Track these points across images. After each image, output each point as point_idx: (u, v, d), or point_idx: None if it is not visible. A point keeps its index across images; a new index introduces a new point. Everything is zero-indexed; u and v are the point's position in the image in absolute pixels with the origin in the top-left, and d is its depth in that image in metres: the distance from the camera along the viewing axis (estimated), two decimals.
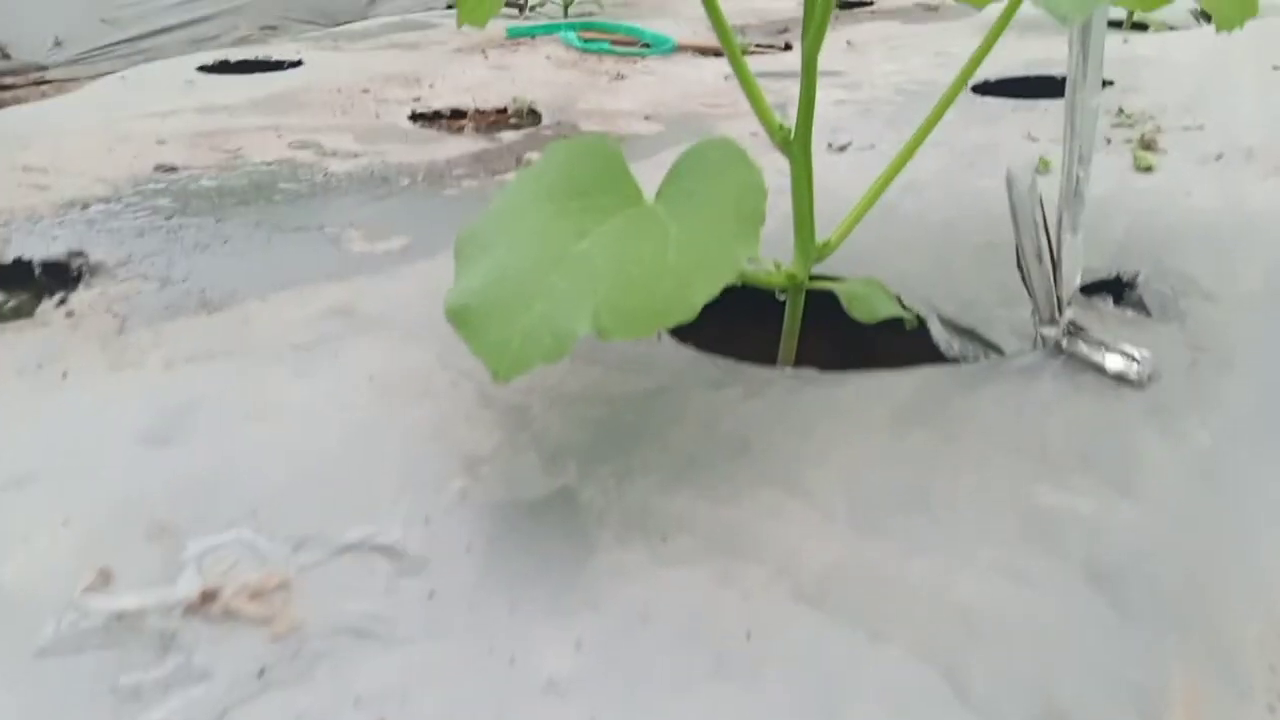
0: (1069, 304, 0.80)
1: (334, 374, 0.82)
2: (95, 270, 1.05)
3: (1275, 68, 1.65)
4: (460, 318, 0.63)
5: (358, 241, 1.12)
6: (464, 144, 1.53)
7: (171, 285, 1.01)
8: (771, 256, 0.84)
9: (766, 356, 0.93)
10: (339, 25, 4.81)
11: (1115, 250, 1.01)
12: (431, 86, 1.92)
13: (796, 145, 0.88)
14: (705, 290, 0.61)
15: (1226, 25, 0.92)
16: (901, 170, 0.89)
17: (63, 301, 0.98)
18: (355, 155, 1.47)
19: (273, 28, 4.53)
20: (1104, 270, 0.97)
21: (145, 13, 4.12)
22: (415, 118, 1.71)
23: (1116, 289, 0.95)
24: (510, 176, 1.37)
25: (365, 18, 4.90)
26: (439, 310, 0.68)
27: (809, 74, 0.83)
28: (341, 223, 1.18)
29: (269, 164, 1.43)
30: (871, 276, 0.96)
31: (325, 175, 1.38)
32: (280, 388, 0.80)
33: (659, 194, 0.72)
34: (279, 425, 0.74)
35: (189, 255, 1.09)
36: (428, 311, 0.91)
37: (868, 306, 0.86)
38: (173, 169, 1.40)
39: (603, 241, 0.66)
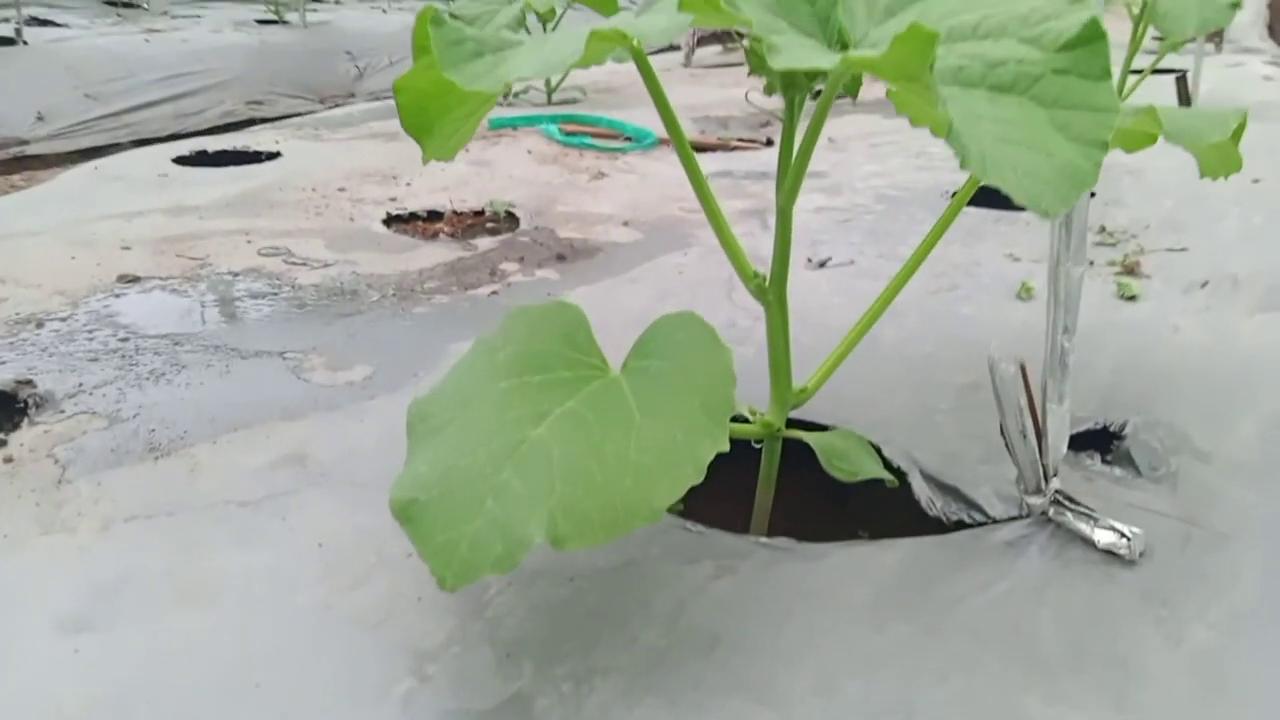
0: (1055, 473, 0.77)
1: (280, 541, 0.77)
2: (43, 403, 1.01)
3: (1255, 180, 1.65)
4: (406, 514, 0.59)
5: (319, 370, 1.08)
6: (438, 252, 1.50)
7: (120, 423, 0.96)
8: (751, 387, 0.81)
9: (742, 506, 0.88)
10: (324, 100, 4.85)
11: (1103, 394, 0.98)
12: (409, 184, 1.90)
13: (772, 293, 0.85)
14: (669, 493, 0.57)
15: (1210, 174, 0.91)
16: (880, 315, 0.86)
17: (2, 444, 0.92)
18: (325, 265, 1.44)
19: (259, 103, 4.54)
20: (1092, 419, 0.93)
21: (129, 88, 4.13)
22: (390, 221, 1.68)
23: (1105, 440, 0.92)
24: (483, 291, 1.34)
25: (352, 94, 4.95)
26: (396, 458, 0.64)
27: (784, 225, 0.80)
28: (304, 346, 1.14)
29: (235, 274, 1.39)
30: (849, 428, 0.92)
31: (293, 287, 1.34)
32: (220, 559, 0.74)
33: (625, 366, 0.68)
34: (212, 612, 0.68)
35: (143, 386, 1.04)
36: (384, 461, 0.86)
37: (847, 465, 0.82)
38: (136, 279, 1.36)
39: (562, 427, 0.62)
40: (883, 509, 0.90)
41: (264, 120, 4.37)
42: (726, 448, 0.60)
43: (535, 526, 0.55)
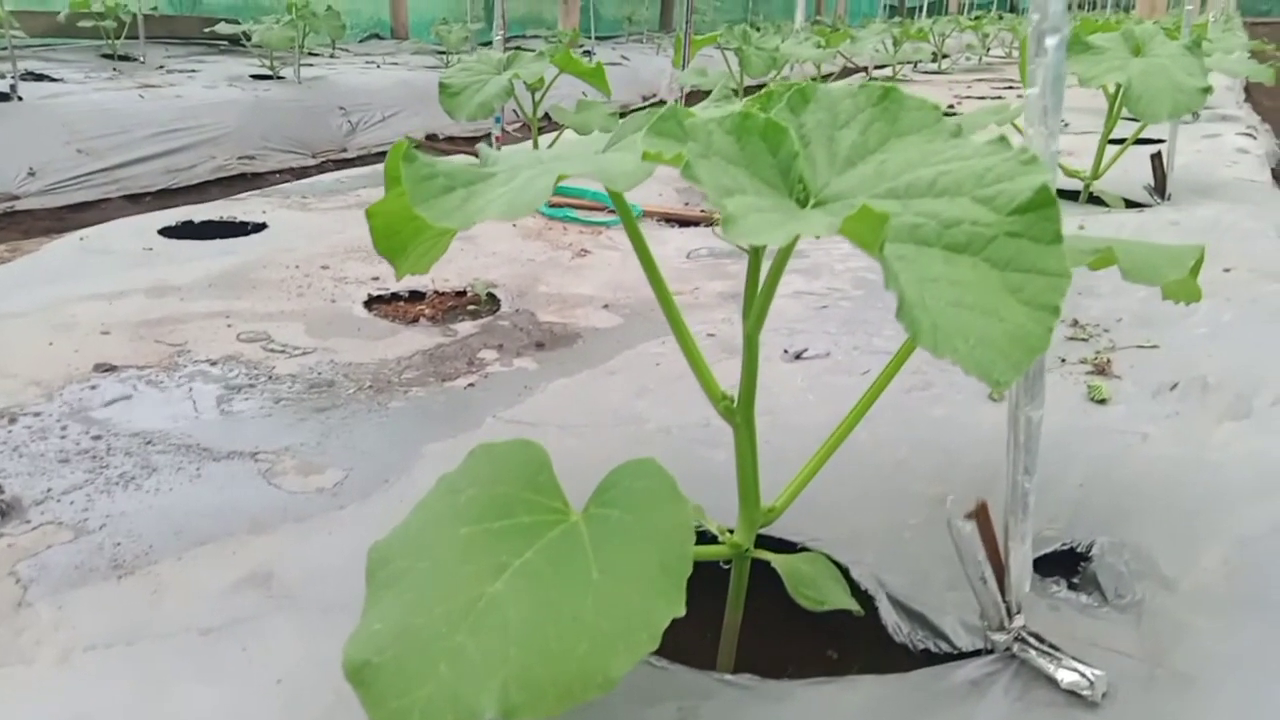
0: (1018, 610, 0.77)
1: (239, 675, 0.76)
2: (9, 510, 1.00)
3: (1226, 270, 1.67)
4: (359, 678, 0.58)
5: (290, 474, 1.08)
6: (417, 338, 1.51)
7: (86, 535, 0.95)
8: (727, 494, 0.81)
9: (712, 622, 0.89)
10: (316, 155, 4.89)
11: (1071, 509, 0.98)
12: None
13: (739, 416, 0.85)
14: (624, 663, 0.57)
15: (1172, 299, 0.92)
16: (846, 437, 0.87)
17: None
18: (304, 352, 1.44)
19: (250, 158, 4.58)
20: (1059, 538, 0.94)
21: (122, 143, 4.15)
22: (372, 302, 1.69)
23: (1072, 562, 0.92)
24: (460, 383, 1.34)
25: (344, 149, 4.99)
26: (362, 579, 0.64)
27: (750, 352, 0.81)
28: (277, 446, 1.14)
29: (214, 362, 1.40)
30: (818, 548, 0.92)
31: (270, 378, 1.34)
32: (179, 697, 0.74)
33: (586, 511, 0.68)
34: None
35: (111, 492, 1.03)
36: (350, 581, 0.85)
37: (814, 592, 0.82)
38: (113, 368, 1.36)
39: (519, 583, 0.62)
40: (853, 628, 0.90)
41: (255, 175, 4.41)
42: (682, 612, 0.60)
43: (487, 697, 0.55)
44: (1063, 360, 1.34)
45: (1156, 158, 2.42)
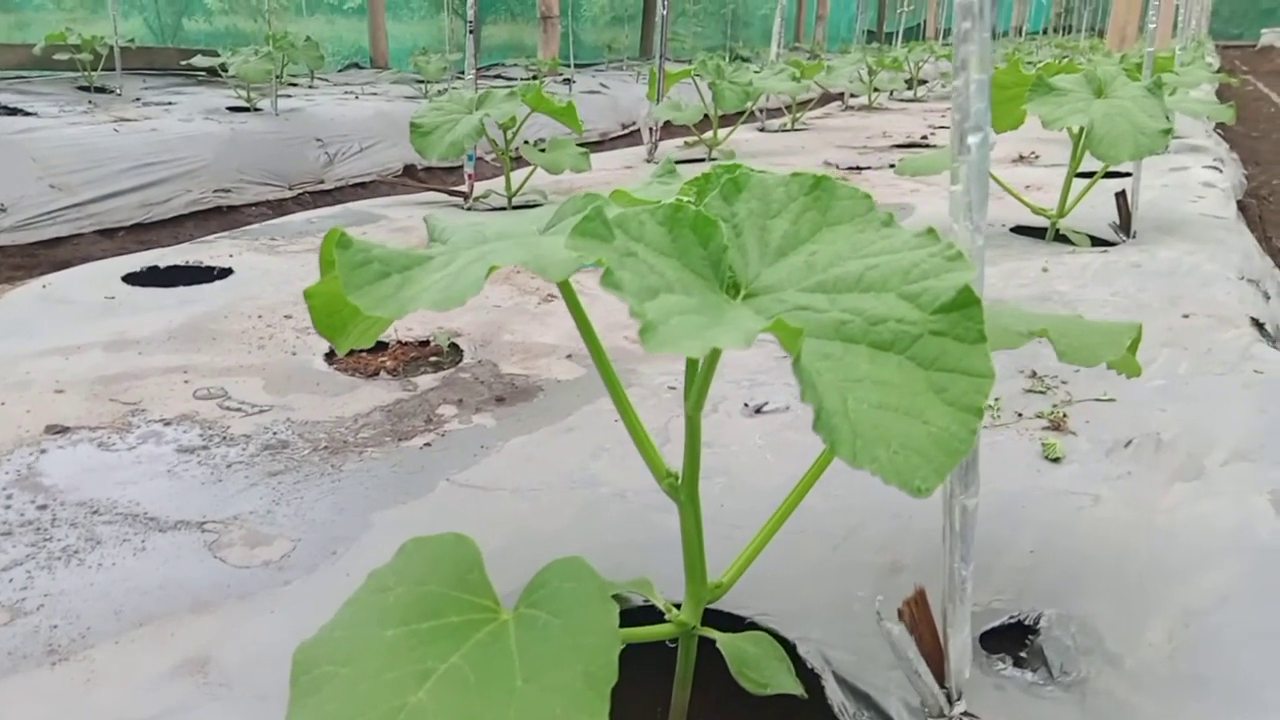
0: (959, 696, 0.76)
1: None
2: None
3: (1185, 316, 1.69)
4: None
5: (237, 546, 1.06)
6: (377, 393, 1.50)
7: (23, 617, 0.94)
8: (677, 561, 0.80)
9: (661, 698, 0.88)
10: (293, 187, 4.89)
11: (1021, 578, 0.98)
12: None
13: (684, 494, 0.85)
14: None
15: (1114, 369, 0.92)
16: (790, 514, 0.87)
17: None
18: (260, 410, 1.43)
19: (226, 190, 4.56)
20: (1007, 610, 0.93)
21: (96, 178, 4.13)
22: (334, 354, 1.68)
23: (1019, 635, 0.91)
24: (417, 443, 1.33)
25: (322, 180, 4.99)
26: None
27: (693, 433, 0.81)
28: (226, 515, 1.13)
29: (167, 422, 1.38)
30: (765, 625, 0.92)
31: (224, 439, 1.33)
32: None
33: (516, 611, 0.67)
34: None
35: (53, 568, 1.02)
36: (287, 666, 0.85)
37: (758, 675, 0.82)
38: (64, 430, 1.35)
39: (443, 690, 0.61)
40: (801, 707, 0.89)
41: (231, 208, 4.40)
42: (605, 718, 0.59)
43: None
44: (1019, 415, 1.34)
45: (1121, 196, 2.44)
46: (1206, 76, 4.18)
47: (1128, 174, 2.55)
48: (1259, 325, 1.72)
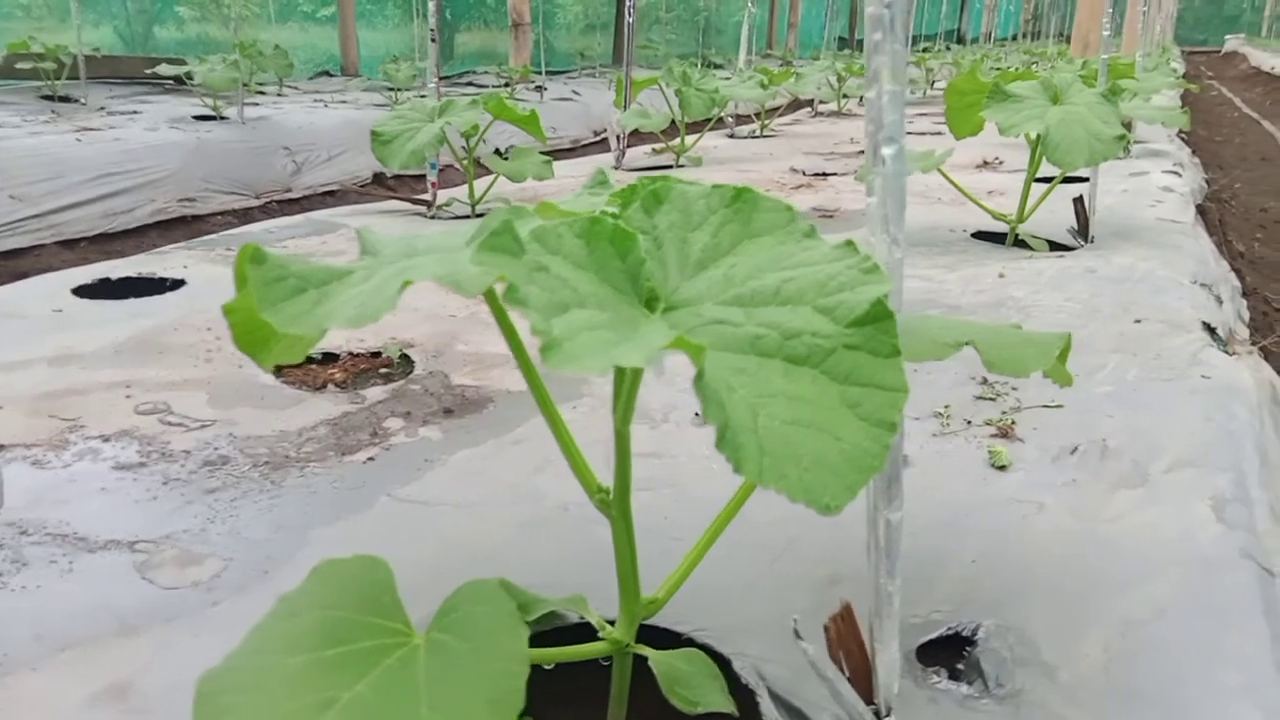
0: (888, 712, 0.75)
1: None
2: None
3: (1137, 321, 1.69)
4: None
5: (167, 567, 1.04)
6: (323, 406, 1.48)
7: None
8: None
9: (599, 714, 0.86)
10: (260, 196, 4.84)
11: (962, 590, 0.97)
12: None
13: (615, 509, 0.84)
14: None
15: (1049, 377, 0.92)
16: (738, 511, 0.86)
17: None
18: (202, 425, 1.40)
19: (191, 200, 4.51)
20: (945, 623, 0.92)
21: (58, 188, 4.08)
22: (283, 366, 1.65)
23: (957, 647, 0.91)
24: (360, 457, 1.31)
25: (289, 189, 4.95)
26: None
27: (622, 447, 0.80)
28: (158, 534, 1.10)
29: (106, 438, 1.35)
30: (702, 640, 0.91)
31: (163, 455, 1.30)
32: None
33: (428, 635, 0.66)
34: None
35: None
36: None
37: (689, 693, 0.80)
38: (0, 448, 1.32)
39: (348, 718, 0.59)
40: None
41: (196, 218, 4.35)
42: None
43: None
44: (969, 422, 1.34)
45: (1079, 201, 2.45)
46: (1167, 83, 4.22)
47: (1086, 179, 2.56)
48: (1210, 330, 1.73)
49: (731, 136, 5.03)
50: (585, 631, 0.91)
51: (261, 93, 6.28)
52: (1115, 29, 5.47)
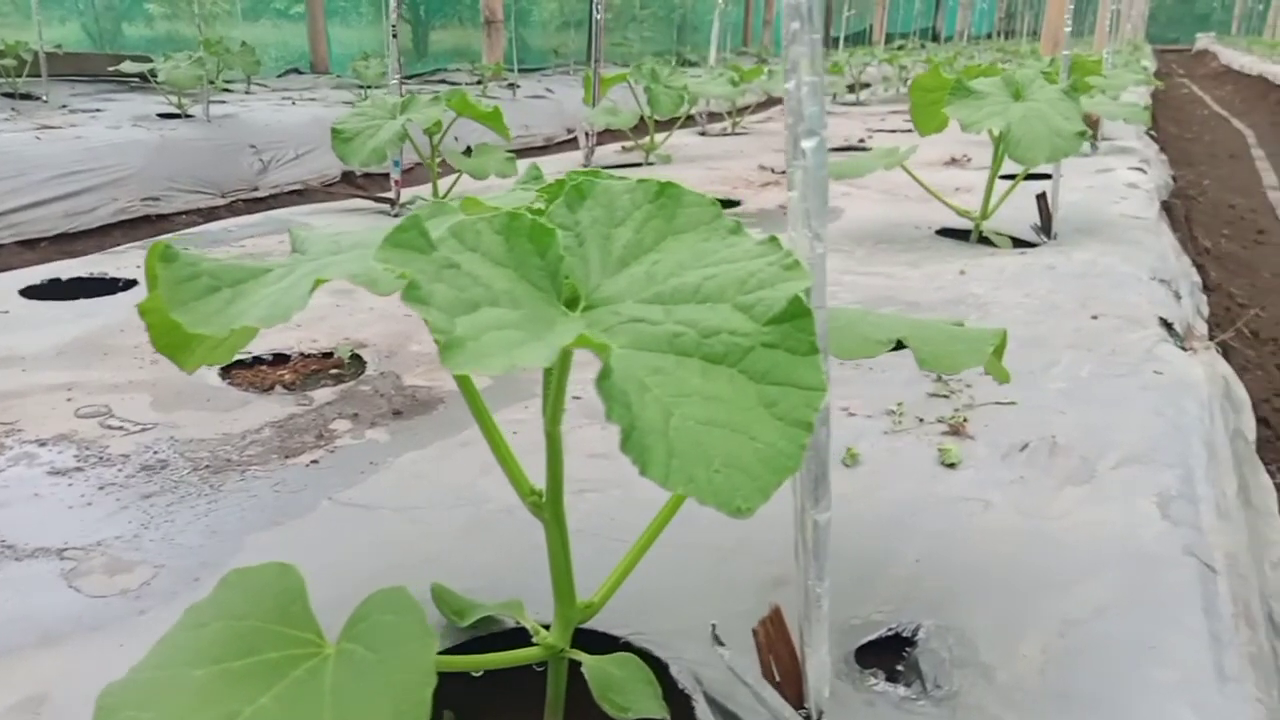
0: (819, 715, 0.74)
1: None
2: None
3: (1094, 317, 1.69)
4: None
5: (96, 574, 1.01)
6: (270, 408, 1.45)
7: None
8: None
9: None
10: (226, 195, 4.78)
11: (904, 590, 0.96)
12: None
13: (548, 512, 0.82)
14: None
15: (989, 373, 0.91)
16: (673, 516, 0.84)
17: None
18: (144, 428, 1.37)
19: (155, 199, 4.45)
20: (886, 622, 0.91)
21: (17, 187, 4.00)
22: (231, 368, 1.62)
23: (897, 648, 0.89)
24: (304, 460, 1.28)
25: (256, 187, 4.89)
26: None
27: (553, 449, 0.78)
28: (89, 541, 1.07)
29: (43, 442, 1.32)
30: (629, 653, 0.89)
31: (101, 459, 1.27)
32: None
33: (338, 645, 0.64)
34: None
35: None
36: None
37: (621, 699, 0.79)
38: None
39: None
40: None
41: (161, 217, 4.29)
42: None
43: None
44: (920, 420, 1.33)
45: (1041, 198, 2.46)
46: (1133, 80, 4.25)
47: (1050, 175, 2.57)
48: (1167, 325, 1.73)
49: (703, 134, 5.02)
50: (522, 636, 0.89)
51: (228, 90, 6.20)
52: (1088, 27, 5.49)
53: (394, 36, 2.82)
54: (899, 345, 0.86)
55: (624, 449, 0.54)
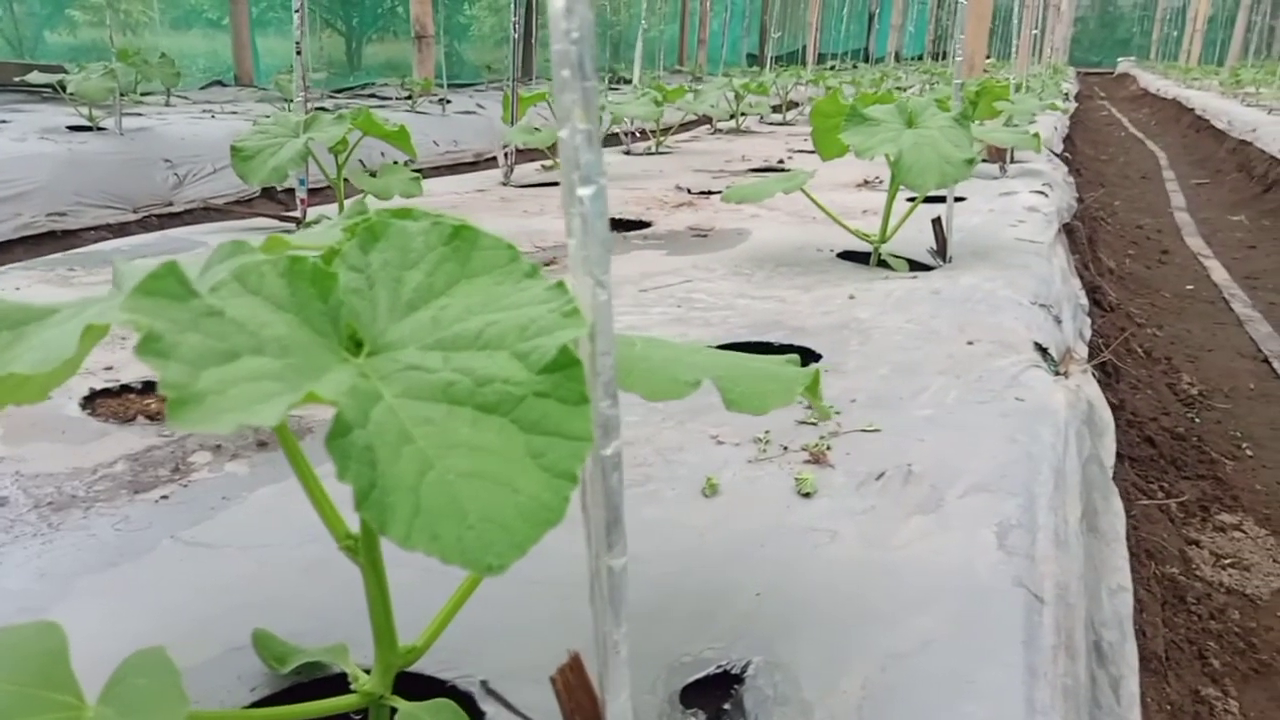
0: None
1: None
2: None
3: (970, 343, 1.73)
4: None
5: None
6: (128, 440, 1.41)
7: None
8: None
9: None
10: (138, 210, 4.66)
11: (739, 625, 0.96)
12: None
13: (363, 555, 0.80)
14: None
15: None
16: None
17: None
18: None
19: (62, 214, 4.32)
20: (716, 659, 0.91)
21: None
22: (96, 397, 1.57)
23: (726, 686, 0.89)
24: (153, 495, 1.24)
25: (170, 203, 4.78)
26: None
27: None
28: None
29: None
30: (446, 699, 0.87)
31: None
32: None
33: (95, 710, 0.61)
34: None
35: None
36: None
37: None
38: None
39: None
40: None
41: (67, 233, 4.17)
42: None
43: None
44: (785, 448, 1.34)
45: (937, 222, 2.51)
46: (1038, 105, 4.37)
47: (960, 199, 2.62)
48: (1042, 350, 1.77)
49: (627, 153, 5.04)
50: (346, 683, 0.87)
51: (146, 103, 6.05)
52: (1012, 50, 5.64)
53: (298, 53, 2.78)
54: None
55: (359, 509, 0.52)
